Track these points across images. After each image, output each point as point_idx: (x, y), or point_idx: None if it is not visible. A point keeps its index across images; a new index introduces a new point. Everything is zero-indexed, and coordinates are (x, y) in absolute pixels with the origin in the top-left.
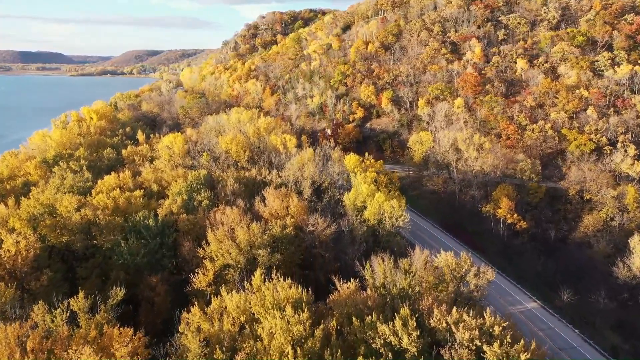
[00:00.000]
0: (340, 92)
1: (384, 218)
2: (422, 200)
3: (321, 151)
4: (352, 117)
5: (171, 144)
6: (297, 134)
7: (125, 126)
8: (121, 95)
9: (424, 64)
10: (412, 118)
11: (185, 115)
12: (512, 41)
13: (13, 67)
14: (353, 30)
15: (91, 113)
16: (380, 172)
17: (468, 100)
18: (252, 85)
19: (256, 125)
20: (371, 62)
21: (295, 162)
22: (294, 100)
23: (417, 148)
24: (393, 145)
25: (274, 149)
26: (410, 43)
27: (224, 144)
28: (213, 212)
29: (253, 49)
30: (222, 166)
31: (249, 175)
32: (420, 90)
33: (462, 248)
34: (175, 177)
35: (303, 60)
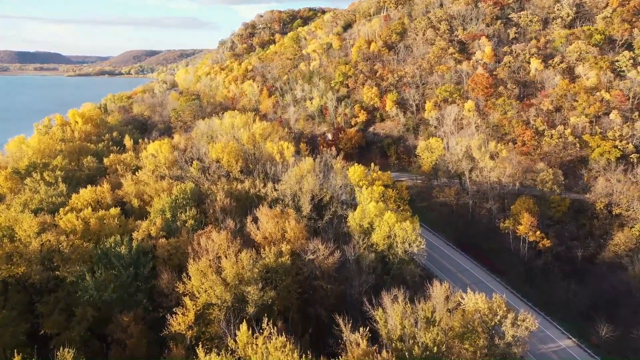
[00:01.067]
0: (342, 94)
1: (395, 243)
2: (431, 213)
3: (322, 161)
4: (354, 120)
5: (156, 152)
6: (296, 138)
7: (112, 130)
8: (112, 97)
9: (431, 64)
10: (419, 122)
11: (177, 119)
12: (523, 40)
13: (10, 68)
14: (354, 28)
15: (76, 117)
16: (388, 186)
17: (479, 103)
18: (248, 86)
19: (251, 130)
20: (374, 62)
21: (292, 175)
22: (292, 102)
23: (426, 156)
24: (398, 151)
25: (270, 158)
26: (416, 42)
27: (214, 153)
28: (197, 236)
29: (250, 49)
30: (213, 177)
31: (241, 188)
32: (427, 92)
33: (479, 270)
34: (159, 191)
35: (302, 60)
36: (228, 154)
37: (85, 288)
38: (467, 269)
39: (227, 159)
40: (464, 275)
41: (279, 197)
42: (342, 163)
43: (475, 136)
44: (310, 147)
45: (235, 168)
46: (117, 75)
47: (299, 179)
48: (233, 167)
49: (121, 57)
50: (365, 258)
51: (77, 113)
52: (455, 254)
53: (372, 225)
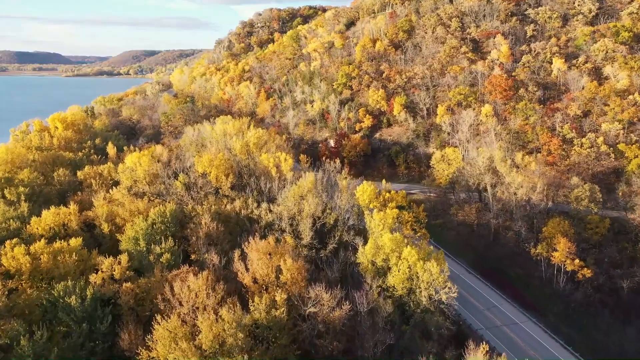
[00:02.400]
0: (345, 97)
1: (417, 287)
2: (448, 233)
3: (324, 175)
4: (358, 126)
5: (135, 165)
6: (295, 144)
7: (96, 136)
8: (102, 99)
9: (442, 64)
10: (430, 128)
11: (168, 124)
12: (541, 38)
13: (9, 68)
14: (358, 26)
15: (56, 122)
16: (403, 207)
17: (497, 107)
18: (244, 88)
19: (245, 139)
20: (380, 62)
21: (291, 195)
22: (291, 105)
23: (441, 168)
24: (408, 160)
25: (265, 172)
26: (425, 40)
27: (200, 167)
28: (172, 277)
29: (248, 48)
30: (199, 195)
31: (231, 208)
32: (439, 95)
33: (508, 306)
34: (134, 213)
35: (302, 60)
36: (216, 168)
37: (20, 355)
38: (496, 305)
39: (216, 173)
40: (493, 313)
41: (274, 220)
42: (348, 179)
43: (495, 144)
44: (311, 158)
45: (225, 184)
46: (115, 75)
47: (297, 200)
48: (222, 182)
49: (120, 57)
50: (380, 308)
51: (57, 118)
52: (480, 284)
53: (388, 263)
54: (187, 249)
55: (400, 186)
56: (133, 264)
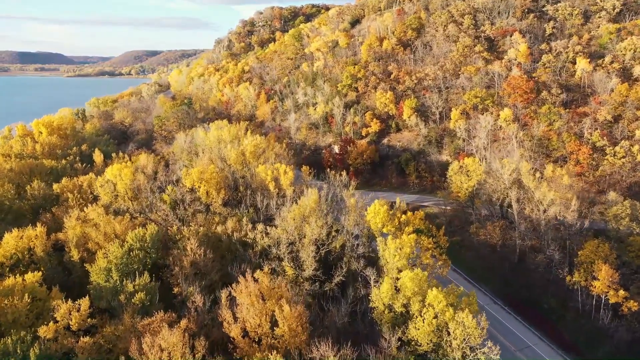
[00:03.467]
0: (350, 100)
1: (447, 343)
2: (467, 253)
3: (330, 190)
4: (365, 130)
5: (115, 178)
6: (297, 150)
7: (84, 142)
8: (96, 101)
9: (455, 64)
10: (443, 133)
11: (161, 128)
12: (561, 36)
13: (11, 68)
14: (364, 24)
15: (40, 126)
16: (421, 231)
17: (517, 111)
18: (244, 89)
19: (241, 147)
20: (387, 62)
21: (290, 216)
22: (293, 108)
23: (458, 180)
24: (419, 168)
25: (262, 185)
26: (436, 39)
27: (188, 181)
28: (143, 327)
29: (249, 48)
30: (186, 213)
31: (222, 230)
32: (452, 98)
33: (545, 347)
34: (110, 237)
35: (304, 60)
36: (207, 183)
37: None
38: (530, 345)
39: (206, 188)
40: (527, 355)
41: (271, 245)
42: (357, 197)
43: (516, 152)
44: (314, 169)
45: (217, 200)
46: (117, 75)
47: (298, 222)
48: (214, 199)
49: (122, 58)
50: None
51: (42, 122)
52: (508, 317)
53: (409, 309)
54: (170, 279)
55: (412, 198)
56: (101, 303)
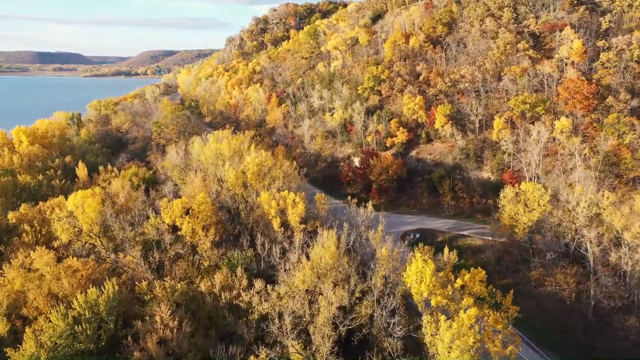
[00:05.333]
0: (372, 104)
1: None
2: (525, 303)
3: (353, 232)
4: (389, 141)
5: (78, 210)
6: (311, 162)
7: (71, 152)
8: (97, 103)
9: (496, 64)
10: (483, 145)
11: (160, 135)
12: (619, 31)
13: (30, 68)
14: (387, 19)
15: (21, 134)
16: (483, 299)
17: (576, 120)
18: (253, 92)
19: (243, 165)
20: (415, 62)
21: (299, 277)
22: (307, 113)
23: (513, 211)
24: (455, 187)
25: (265, 220)
26: (470, 35)
27: (168, 216)
28: None
29: (261, 47)
30: (166, 257)
31: (207, 288)
32: (494, 104)
33: None
34: (51, 302)
35: (320, 59)
36: (193, 219)
37: None
38: None
39: (191, 227)
40: None
41: (272, 315)
42: (390, 246)
43: (578, 170)
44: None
45: (204, 242)
46: (133, 75)
47: (310, 285)
48: (200, 240)
49: (139, 58)
50: None
51: (22, 130)
52: None
53: None
54: None
55: (447, 223)
56: None
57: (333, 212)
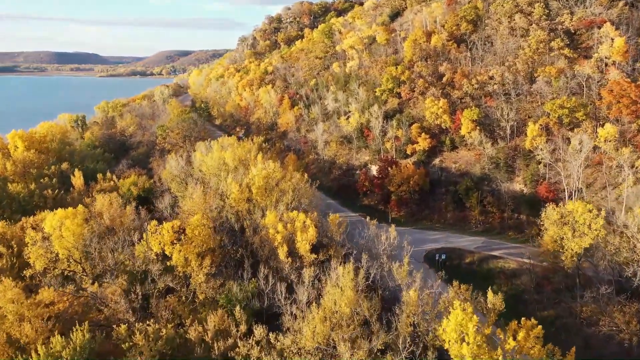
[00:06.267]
0: (391, 108)
1: None
2: (571, 340)
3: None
4: (410, 148)
5: (55, 232)
6: (324, 169)
7: (68, 157)
8: (105, 105)
9: (527, 64)
10: (515, 154)
11: (164, 140)
12: None
13: (48, 68)
14: (406, 16)
15: (16, 139)
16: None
17: (622, 127)
18: (264, 93)
19: (246, 179)
20: (438, 62)
21: (309, 329)
22: (321, 116)
23: (557, 233)
24: (484, 200)
25: (269, 244)
26: (498, 33)
27: (155, 244)
28: None
29: (274, 46)
30: (153, 290)
31: (196, 335)
32: (526, 108)
33: None
34: (9, 352)
35: (335, 59)
36: (184, 248)
37: None
38: None
39: (183, 255)
40: None
41: None
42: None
43: (628, 184)
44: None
45: (198, 274)
46: (148, 75)
47: (323, 343)
48: (194, 271)
49: (154, 58)
50: None
51: (18, 134)
52: None
53: None
54: None
55: (476, 241)
56: None
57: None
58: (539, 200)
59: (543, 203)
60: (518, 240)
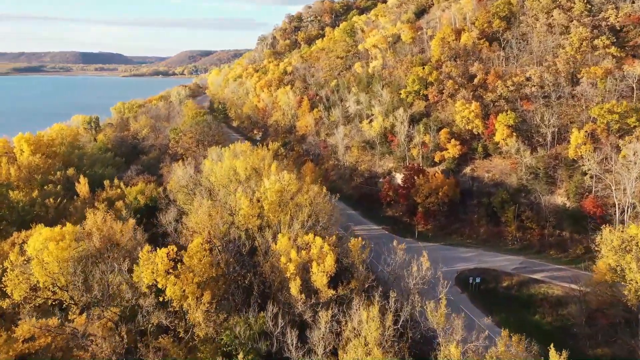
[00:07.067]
0: (417, 111)
1: None
2: None
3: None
4: (438, 155)
5: (38, 254)
6: (345, 176)
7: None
8: (121, 106)
9: (569, 64)
10: (556, 163)
11: (177, 144)
12: None
13: (73, 68)
14: (433, 13)
15: (22, 143)
16: None
17: None
18: (282, 95)
19: (257, 193)
20: (469, 62)
21: None
22: (342, 119)
23: (617, 262)
24: (521, 214)
25: (280, 273)
26: (535, 30)
27: (147, 276)
28: None
29: (294, 46)
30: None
31: None
32: (568, 113)
33: None
34: None
35: (357, 59)
36: (180, 281)
37: None
38: None
39: (179, 288)
40: None
41: None
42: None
43: None
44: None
45: (195, 310)
46: (170, 75)
47: None
48: (190, 307)
49: (177, 58)
50: None
51: (25, 138)
52: None
53: None
54: None
55: (513, 262)
56: None
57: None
58: (584, 216)
59: (589, 219)
60: (561, 260)
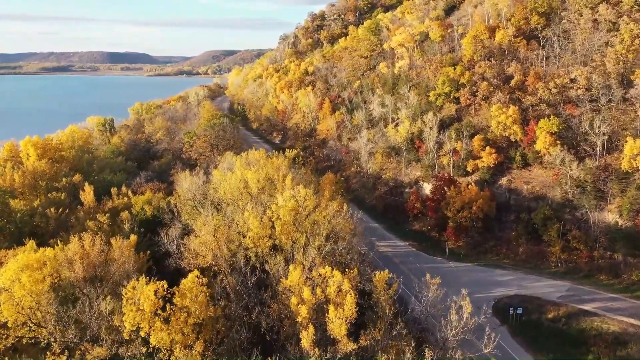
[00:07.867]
0: (448, 115)
1: None
2: None
3: None
4: (471, 164)
5: (11, 287)
6: (368, 185)
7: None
8: (139, 107)
9: (620, 64)
10: (607, 176)
11: (191, 147)
12: None
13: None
14: (464, 9)
15: (29, 147)
16: None
17: None
18: (303, 96)
19: (269, 211)
20: (504, 62)
21: None
22: (365, 123)
23: None
24: (567, 233)
25: (291, 318)
26: (579, 27)
27: (129, 321)
28: None
29: (317, 45)
30: None
31: None
32: (620, 119)
33: None
34: None
35: (382, 58)
36: (169, 327)
37: None
38: None
39: (167, 335)
40: None
41: None
42: None
43: None
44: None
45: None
46: (194, 75)
47: None
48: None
49: (201, 57)
50: None
51: (32, 142)
52: None
53: None
54: None
55: (558, 288)
56: None
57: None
58: None
59: None
60: (614, 287)
